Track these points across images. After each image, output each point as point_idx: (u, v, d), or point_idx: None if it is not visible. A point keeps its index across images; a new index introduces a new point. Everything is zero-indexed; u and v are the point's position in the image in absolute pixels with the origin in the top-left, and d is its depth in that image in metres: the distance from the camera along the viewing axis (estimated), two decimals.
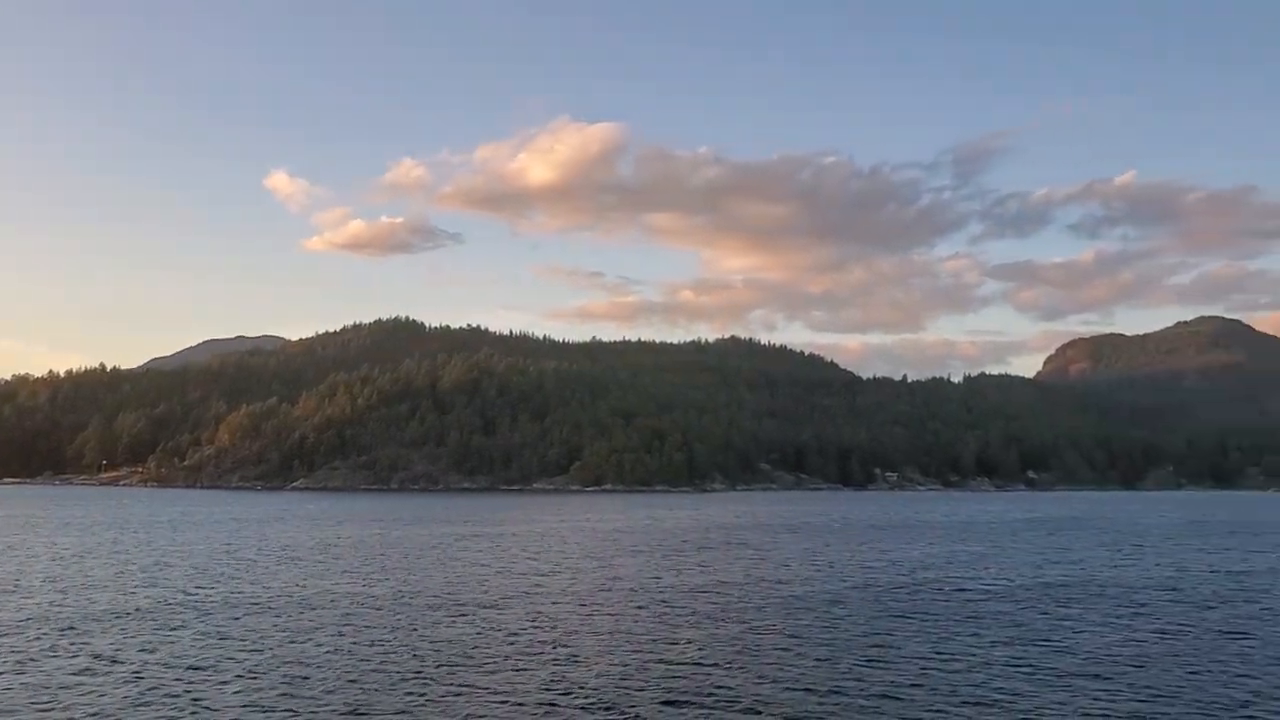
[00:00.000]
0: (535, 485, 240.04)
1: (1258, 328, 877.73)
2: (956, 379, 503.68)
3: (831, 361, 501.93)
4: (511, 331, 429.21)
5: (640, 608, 42.94)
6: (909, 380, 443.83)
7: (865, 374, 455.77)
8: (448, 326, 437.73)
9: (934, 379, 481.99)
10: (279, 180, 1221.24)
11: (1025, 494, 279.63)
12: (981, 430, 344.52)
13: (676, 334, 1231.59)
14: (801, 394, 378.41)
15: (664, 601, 45.01)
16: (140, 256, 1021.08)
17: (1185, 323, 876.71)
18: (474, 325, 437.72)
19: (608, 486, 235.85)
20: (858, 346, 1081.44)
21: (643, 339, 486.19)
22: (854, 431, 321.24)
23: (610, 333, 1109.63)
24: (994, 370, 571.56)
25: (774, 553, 72.37)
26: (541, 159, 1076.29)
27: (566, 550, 72.88)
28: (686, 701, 26.02)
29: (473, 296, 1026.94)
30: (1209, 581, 57.10)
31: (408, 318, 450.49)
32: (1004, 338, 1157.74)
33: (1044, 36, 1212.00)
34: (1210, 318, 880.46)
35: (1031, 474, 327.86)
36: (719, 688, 27.48)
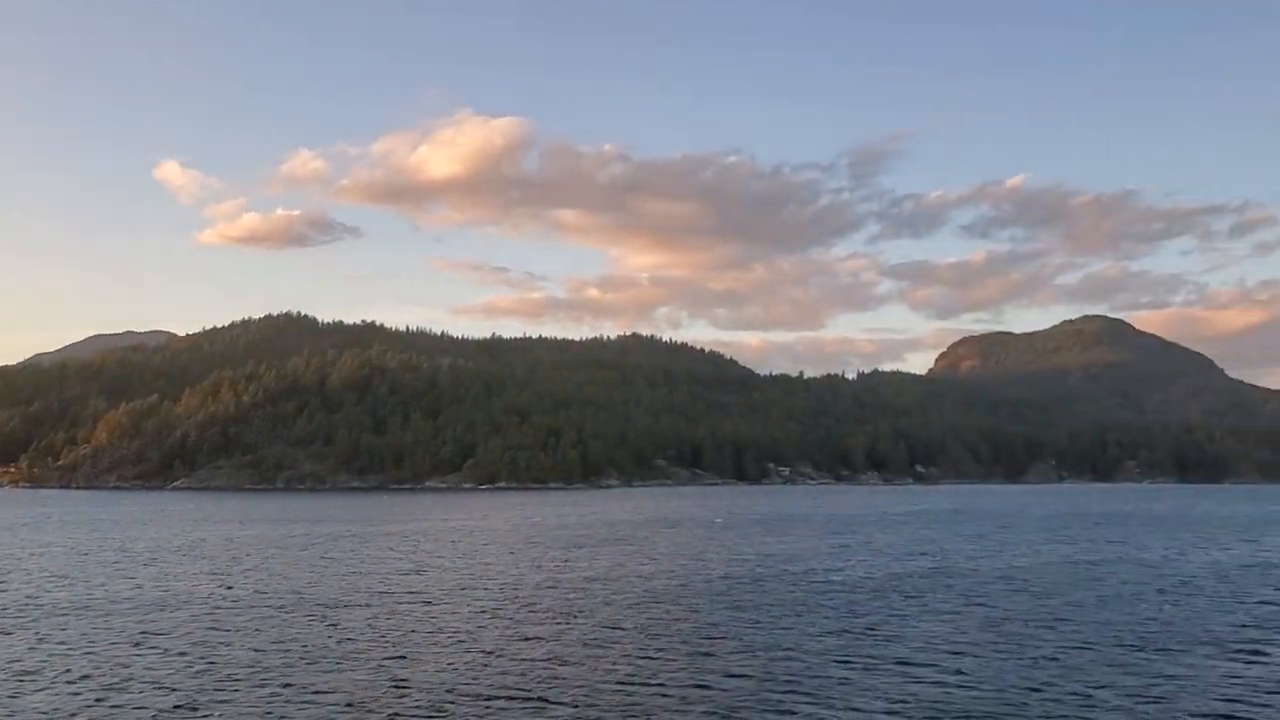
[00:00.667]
0: (427, 484, 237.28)
1: (1139, 326, 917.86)
2: (852, 376, 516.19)
3: (731, 359, 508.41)
4: (409, 327, 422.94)
5: (495, 605, 42.90)
6: (805, 377, 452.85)
7: (768, 371, 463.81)
8: (341, 322, 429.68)
9: (830, 376, 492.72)
10: (170, 171, 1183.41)
11: (912, 488, 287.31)
12: (872, 426, 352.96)
13: (583, 331, 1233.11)
14: (700, 391, 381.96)
15: (520, 599, 45.04)
16: (24, 247, 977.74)
17: (1070, 321, 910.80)
18: (369, 321, 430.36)
19: (501, 485, 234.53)
20: (760, 344, 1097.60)
21: (548, 336, 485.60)
22: (750, 428, 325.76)
23: (516, 329, 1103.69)
24: (890, 367, 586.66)
25: (646, 548, 72.95)
26: (444, 152, 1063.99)
27: (438, 549, 72.29)
28: (505, 696, 26.09)
29: (372, 292, 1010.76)
30: (1057, 571, 59.49)
31: (300, 313, 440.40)
32: (900, 335, 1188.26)
33: (937, 40, 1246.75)
34: (1094, 317, 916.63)
35: (920, 468, 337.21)
36: (542, 683, 27.62)
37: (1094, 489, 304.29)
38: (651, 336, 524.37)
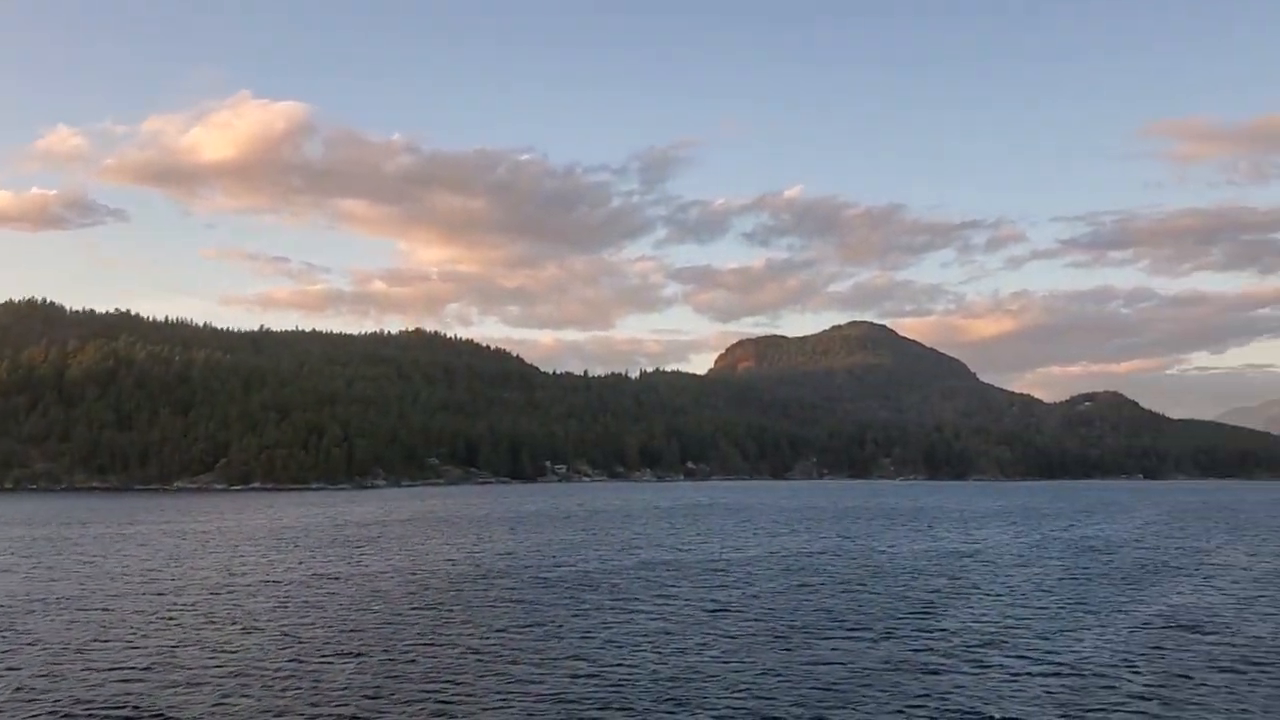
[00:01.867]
0: (176, 484, 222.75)
1: (902, 332, 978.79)
2: (636, 375, 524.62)
3: (518, 356, 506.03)
4: (167, 318, 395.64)
5: (183, 609, 40.10)
6: (589, 375, 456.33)
7: (559, 370, 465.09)
8: (92, 311, 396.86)
9: (614, 374, 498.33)
10: None
11: (681, 483, 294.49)
12: (648, 424, 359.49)
13: (367, 325, 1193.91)
14: (481, 388, 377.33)
15: (201, 604, 42.32)
16: None
17: (839, 326, 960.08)
18: (124, 310, 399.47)
19: (256, 485, 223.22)
20: (552, 342, 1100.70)
21: (330, 330, 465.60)
22: (529, 425, 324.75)
23: (295, 323, 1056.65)
24: (675, 367, 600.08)
25: (376, 547, 70.67)
26: (219, 135, 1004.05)
27: (142, 554, 67.37)
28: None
29: (134, 279, 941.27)
30: (765, 561, 61.53)
31: (45, 300, 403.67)
32: (685, 337, 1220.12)
33: (727, 53, 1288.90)
34: (860, 322, 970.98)
35: (691, 465, 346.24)
36: (201, 685, 25.78)
37: (849, 484, 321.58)
38: (435, 333, 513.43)
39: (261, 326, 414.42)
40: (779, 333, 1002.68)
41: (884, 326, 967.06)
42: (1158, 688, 27.55)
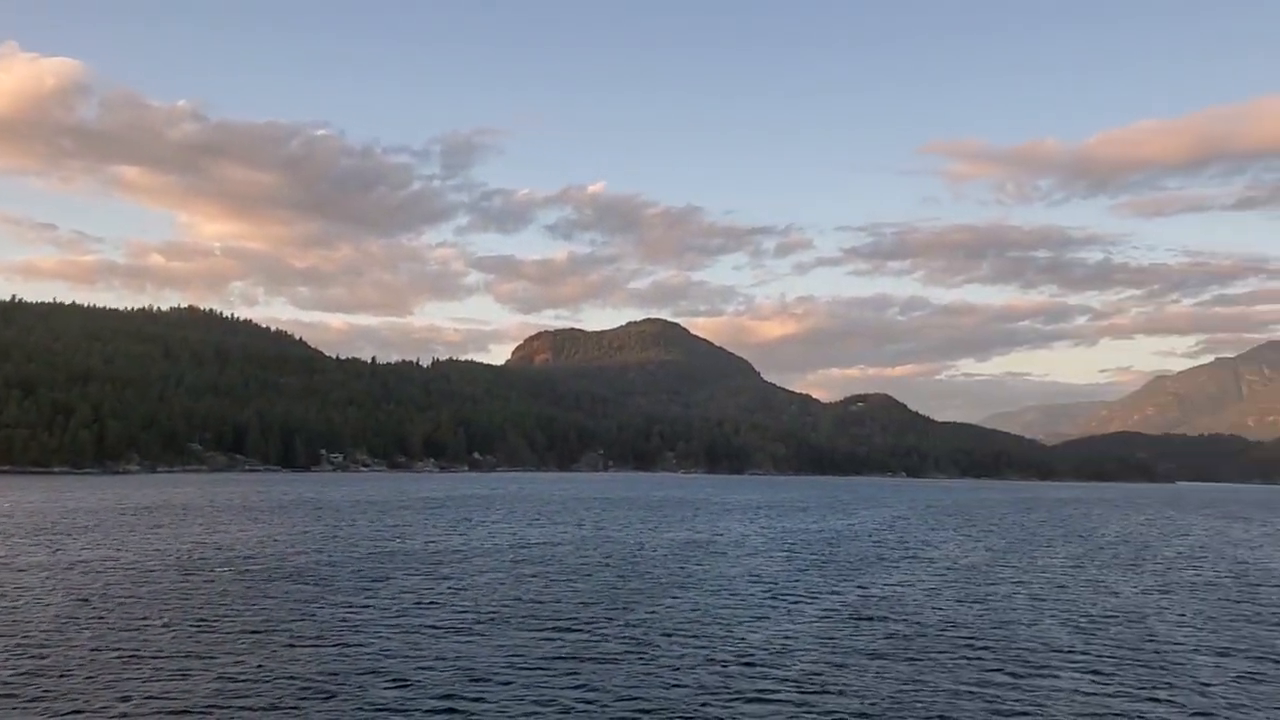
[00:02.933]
0: None
1: (694, 331, 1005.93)
2: (427, 363, 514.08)
3: (301, 339, 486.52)
4: None
5: None
6: (377, 362, 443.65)
7: (350, 356, 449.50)
8: None
9: (403, 362, 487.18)
10: None
11: (465, 475, 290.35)
12: (434, 413, 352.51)
13: (143, 301, 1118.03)
14: (255, 371, 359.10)
15: None
16: None
17: (635, 323, 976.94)
18: None
19: None
20: (344, 327, 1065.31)
21: (102, 304, 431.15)
22: (305, 411, 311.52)
23: (60, 294, 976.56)
24: (476, 358, 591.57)
25: (72, 539, 65.06)
26: None
27: None
28: None
29: None
30: (498, 553, 60.37)
31: None
32: (486, 327, 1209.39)
33: (536, 43, 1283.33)
34: (655, 319, 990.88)
35: (477, 455, 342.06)
36: None
37: (632, 476, 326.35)
38: (211, 311, 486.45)
39: (14, 297, 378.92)
40: (580, 326, 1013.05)
41: (677, 325, 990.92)
42: (813, 673, 28.05)
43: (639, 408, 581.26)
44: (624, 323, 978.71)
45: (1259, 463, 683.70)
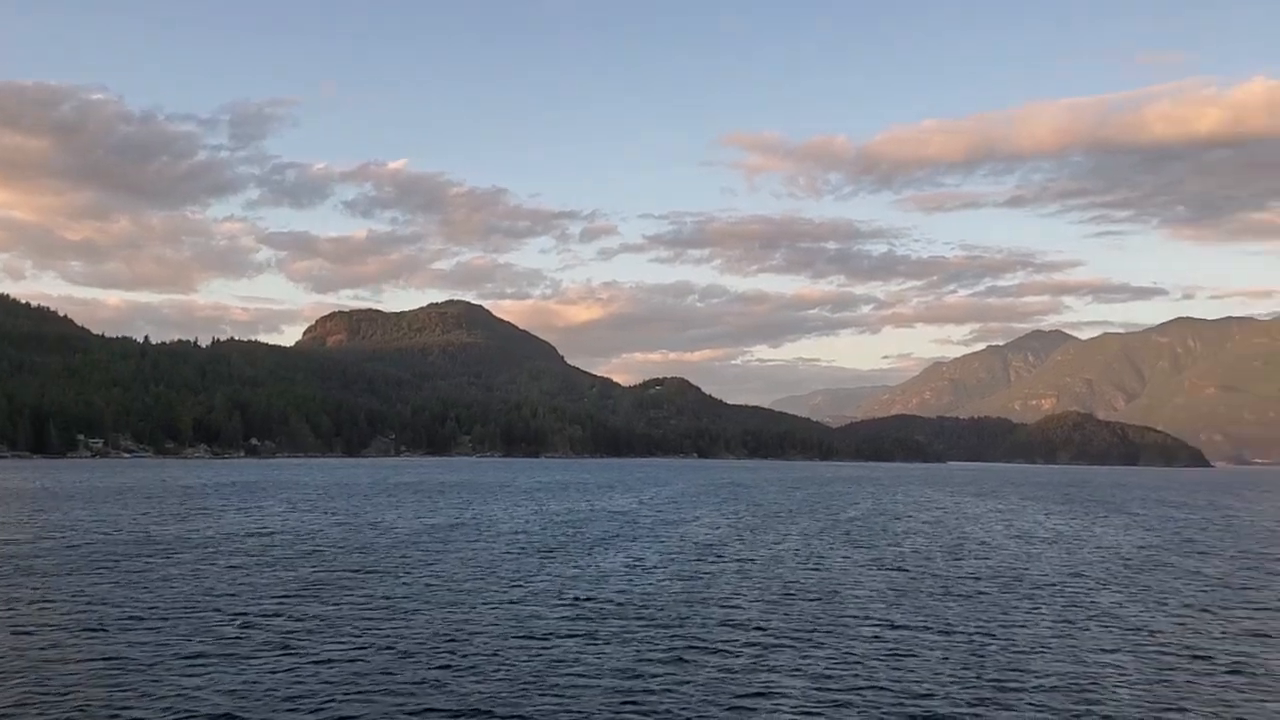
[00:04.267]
0: None
1: (500, 314, 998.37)
2: (207, 343, 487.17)
3: (65, 316, 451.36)
4: None
5: None
6: (149, 342, 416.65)
7: (125, 335, 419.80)
8: None
9: (180, 342, 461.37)
10: None
11: (239, 462, 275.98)
12: (208, 396, 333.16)
13: None
14: (8, 350, 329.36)
15: None
16: None
17: (436, 304, 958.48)
18: None
19: None
20: (120, 304, 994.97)
21: None
22: (61, 393, 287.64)
23: None
24: (267, 339, 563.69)
25: None
26: None
27: None
28: None
29: None
30: (219, 541, 56.31)
31: None
32: (278, 306, 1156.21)
33: (338, 10, 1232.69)
34: (458, 301, 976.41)
35: (255, 441, 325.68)
36: None
37: (422, 461, 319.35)
38: None
39: None
40: (380, 307, 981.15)
41: (481, 307, 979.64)
42: (473, 656, 26.55)
43: (437, 391, 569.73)
44: (426, 304, 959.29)
45: (1023, 443, 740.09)
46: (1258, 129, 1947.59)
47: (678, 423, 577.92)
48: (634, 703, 23.21)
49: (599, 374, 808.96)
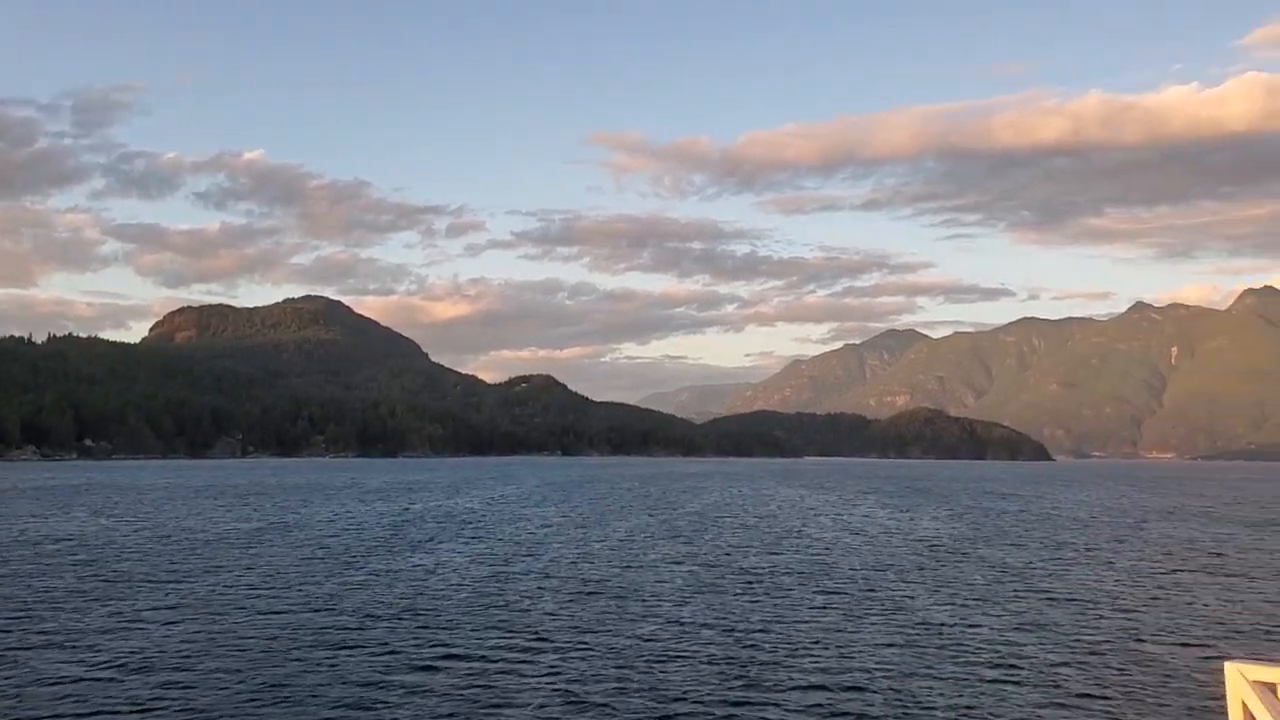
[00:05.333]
0: None
1: (363, 311, 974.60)
2: (42, 340, 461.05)
3: None
4: None
5: None
6: None
7: None
8: None
9: (11, 338, 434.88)
10: None
11: (71, 464, 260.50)
12: (39, 394, 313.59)
13: None
14: None
15: None
16: None
17: (292, 300, 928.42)
18: None
19: None
20: None
21: None
22: None
23: None
24: (113, 335, 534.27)
25: None
26: None
27: None
28: None
29: None
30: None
31: None
32: (126, 301, 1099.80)
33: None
34: (316, 297, 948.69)
35: (89, 442, 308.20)
36: None
37: (270, 462, 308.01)
38: None
39: None
40: (234, 303, 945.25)
41: (340, 303, 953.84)
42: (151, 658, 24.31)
43: (291, 389, 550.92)
44: (282, 299, 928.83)
45: (876, 438, 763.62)
46: (1095, 139, 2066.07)
47: (543, 420, 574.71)
48: (363, 711, 21.49)
49: (466, 372, 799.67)
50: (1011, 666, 26.78)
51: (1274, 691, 8.09)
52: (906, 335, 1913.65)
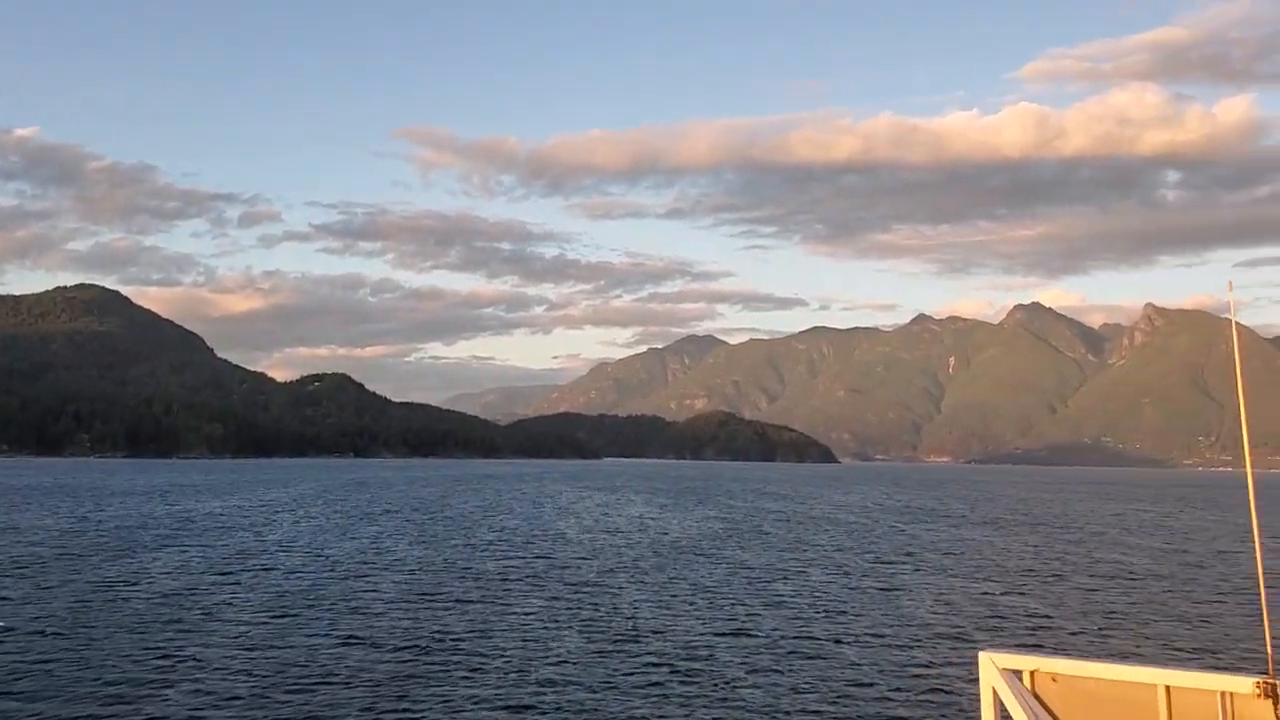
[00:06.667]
0: None
1: (145, 302, 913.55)
2: None
3: None
4: None
5: None
6: None
7: None
8: None
9: None
10: None
11: None
12: None
13: None
14: None
15: None
16: None
17: (64, 288, 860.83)
18: None
19: None
20: None
21: None
22: None
23: None
24: None
25: None
26: None
27: None
28: None
29: None
30: None
31: None
32: None
33: None
34: (90, 285, 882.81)
35: None
36: None
37: (24, 463, 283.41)
38: None
39: None
40: (3, 290, 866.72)
41: (118, 293, 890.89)
42: None
43: (57, 384, 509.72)
44: (52, 287, 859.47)
45: (674, 439, 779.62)
46: (885, 158, 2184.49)
47: (336, 421, 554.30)
48: None
49: (257, 369, 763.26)
50: (714, 668, 26.31)
51: (1020, 678, 8.70)
52: (706, 341, 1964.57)
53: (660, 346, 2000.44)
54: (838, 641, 30.45)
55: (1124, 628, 34.01)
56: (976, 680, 9.08)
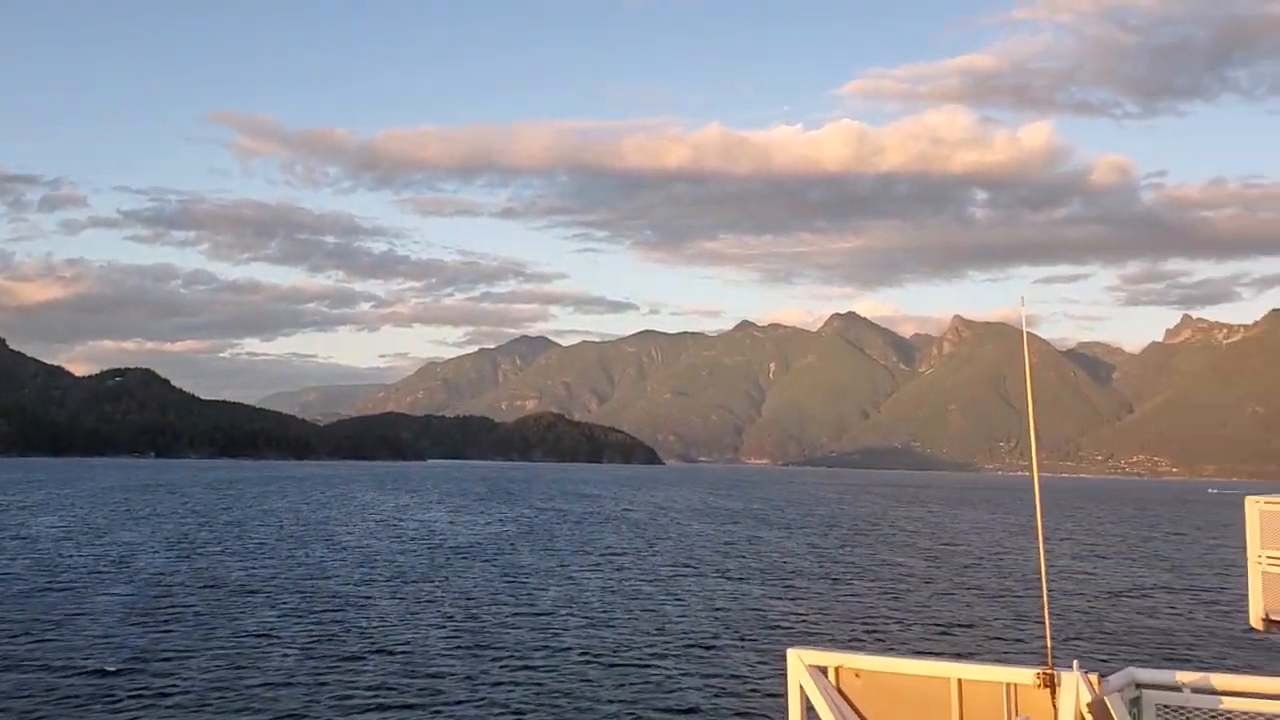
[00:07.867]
0: None
1: None
2: None
3: None
4: None
5: None
6: None
7: None
8: None
9: None
10: None
11: None
12: None
13: None
14: None
15: None
16: None
17: None
18: None
19: None
20: None
21: None
22: None
23: None
24: None
25: None
26: None
27: None
28: None
29: None
30: None
31: None
32: None
33: None
34: None
35: None
36: None
37: None
38: None
39: None
40: None
41: None
42: None
43: None
44: None
45: (502, 440, 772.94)
46: (713, 168, 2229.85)
47: (137, 419, 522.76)
48: None
49: (54, 362, 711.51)
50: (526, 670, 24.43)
51: (825, 673, 9.06)
52: (539, 341, 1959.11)
53: (492, 346, 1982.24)
54: (626, 648, 29.41)
55: (921, 623, 35.37)
56: (782, 677, 9.14)
